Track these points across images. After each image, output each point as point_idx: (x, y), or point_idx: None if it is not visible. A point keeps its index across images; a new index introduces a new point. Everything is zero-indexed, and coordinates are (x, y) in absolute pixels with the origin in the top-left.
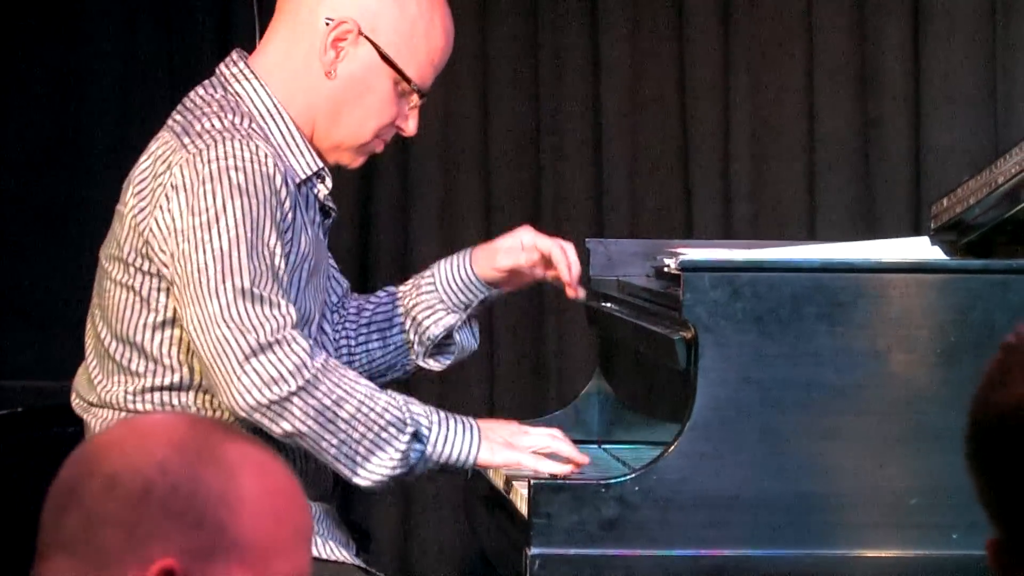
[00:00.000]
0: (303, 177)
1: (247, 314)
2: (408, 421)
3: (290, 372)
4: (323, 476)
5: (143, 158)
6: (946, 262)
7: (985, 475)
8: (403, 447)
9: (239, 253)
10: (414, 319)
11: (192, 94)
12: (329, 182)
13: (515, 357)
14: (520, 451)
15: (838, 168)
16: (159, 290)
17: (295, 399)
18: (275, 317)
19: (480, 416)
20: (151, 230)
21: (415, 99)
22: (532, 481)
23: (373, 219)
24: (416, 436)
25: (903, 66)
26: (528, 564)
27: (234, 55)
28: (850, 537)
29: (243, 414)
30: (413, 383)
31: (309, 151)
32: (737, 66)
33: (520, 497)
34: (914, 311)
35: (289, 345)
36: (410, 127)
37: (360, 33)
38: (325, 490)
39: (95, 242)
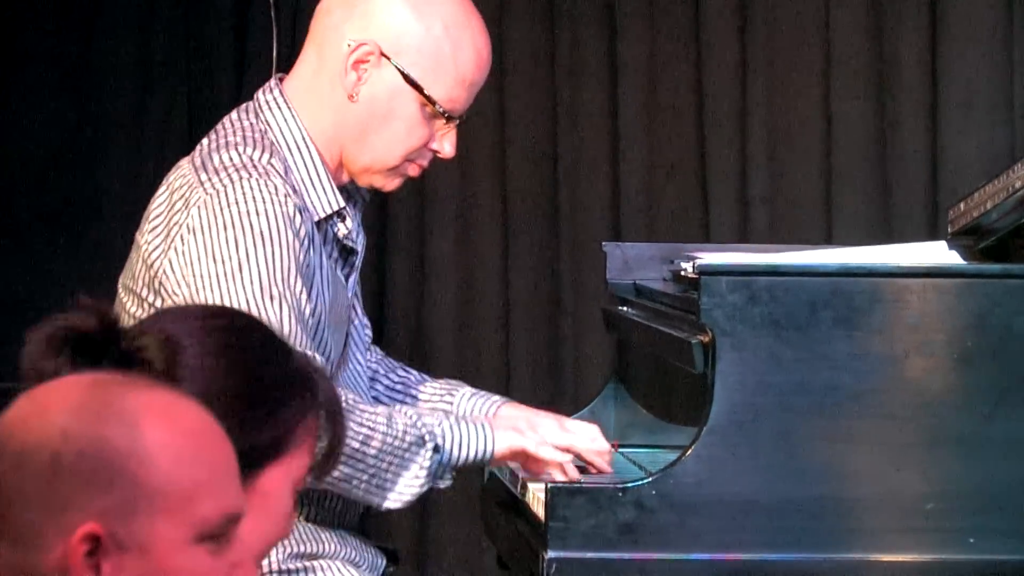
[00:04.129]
0: (322, 216)
1: None
2: (427, 437)
3: None
4: (352, 508)
5: (161, 188)
6: (963, 267)
7: None
8: (427, 463)
9: (268, 305)
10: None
11: (227, 117)
12: (350, 221)
13: (531, 359)
14: (532, 439)
15: (855, 172)
16: None
17: None
18: None
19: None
20: (164, 271)
21: (445, 122)
22: (549, 484)
23: (390, 224)
24: (436, 448)
25: (920, 71)
26: (545, 568)
27: (272, 81)
28: (867, 541)
29: None
30: None
31: (332, 189)
32: (754, 71)
33: (537, 500)
34: (931, 315)
35: None
36: (446, 149)
37: (382, 55)
38: (353, 518)
39: (108, 245)
